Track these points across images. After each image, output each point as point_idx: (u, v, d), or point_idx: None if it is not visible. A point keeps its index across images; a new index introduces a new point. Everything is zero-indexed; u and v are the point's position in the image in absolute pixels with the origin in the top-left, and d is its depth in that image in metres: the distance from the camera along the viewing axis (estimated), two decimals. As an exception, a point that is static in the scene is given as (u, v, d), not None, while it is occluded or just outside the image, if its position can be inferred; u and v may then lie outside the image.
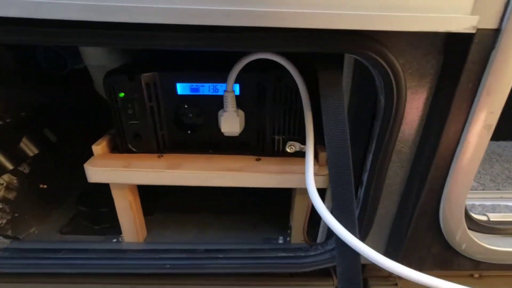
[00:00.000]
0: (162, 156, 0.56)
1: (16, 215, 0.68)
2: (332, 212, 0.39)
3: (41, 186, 0.74)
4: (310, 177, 0.44)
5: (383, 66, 0.36)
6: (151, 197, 0.78)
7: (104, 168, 0.54)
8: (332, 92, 0.39)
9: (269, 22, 0.32)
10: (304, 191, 0.60)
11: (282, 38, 0.34)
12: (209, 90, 0.52)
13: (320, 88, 0.39)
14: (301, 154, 0.56)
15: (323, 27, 0.32)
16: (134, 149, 0.56)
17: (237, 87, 0.52)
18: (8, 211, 0.66)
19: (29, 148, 0.66)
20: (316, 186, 0.52)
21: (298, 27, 0.32)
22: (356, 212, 0.49)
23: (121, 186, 0.58)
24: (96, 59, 0.61)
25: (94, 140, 0.58)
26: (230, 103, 0.50)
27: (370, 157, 0.46)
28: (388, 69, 0.36)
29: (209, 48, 0.36)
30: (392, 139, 0.42)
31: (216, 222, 0.77)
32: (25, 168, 0.68)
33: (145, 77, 0.50)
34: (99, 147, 0.55)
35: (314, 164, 0.53)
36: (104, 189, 0.73)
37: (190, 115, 0.55)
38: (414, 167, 0.47)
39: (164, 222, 0.77)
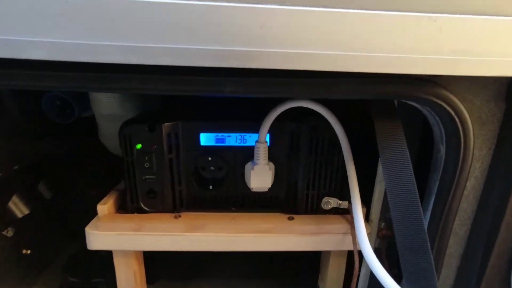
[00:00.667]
0: (179, 216, 0.48)
1: (-11, 290, 0.56)
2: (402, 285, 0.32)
3: (25, 251, 0.63)
4: (364, 240, 0.37)
5: (449, 114, 0.32)
6: (153, 262, 0.68)
7: (111, 233, 0.45)
8: (393, 143, 0.34)
9: (321, 66, 0.28)
10: (342, 254, 0.53)
11: (339, 84, 0.31)
12: (236, 141, 0.47)
13: (378, 139, 0.35)
14: (336, 211, 0.50)
15: (386, 71, 0.29)
16: (146, 208, 0.48)
17: (267, 138, 0.47)
18: (-20, 286, 0.54)
19: (18, 208, 0.57)
20: (359, 248, 0.46)
21: (355, 72, 0.29)
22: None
23: (126, 253, 0.49)
24: (107, 107, 0.56)
25: (96, 197, 0.50)
26: (262, 155, 0.44)
27: (427, 216, 0.40)
28: (455, 117, 0.32)
29: (255, 95, 0.32)
30: (457, 195, 0.36)
31: (229, 291, 0.66)
32: (8, 231, 0.58)
33: (167, 126, 0.45)
34: (105, 207, 0.47)
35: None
36: (98, 254, 0.63)
37: (212, 168, 0.49)
38: (476, 226, 0.41)
39: (169, 293, 0.66)
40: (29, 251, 0.63)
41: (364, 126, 0.49)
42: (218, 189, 0.49)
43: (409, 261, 0.32)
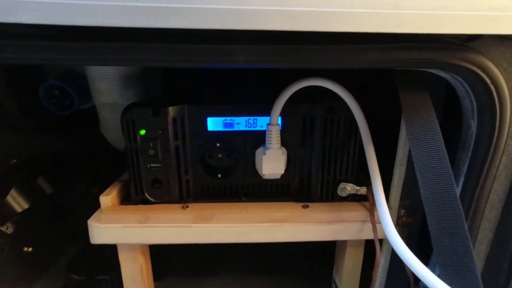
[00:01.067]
0: (187, 206, 0.45)
1: (-11, 290, 0.53)
2: (439, 275, 0.29)
3: (26, 249, 0.61)
4: (390, 227, 0.35)
5: (484, 83, 0.29)
6: (160, 258, 0.65)
7: (115, 225, 0.42)
8: (421, 116, 0.31)
9: (345, 26, 0.25)
10: (358, 243, 0.50)
11: (367, 50, 0.28)
12: (246, 125, 0.44)
13: (404, 113, 0.32)
14: (353, 198, 0.47)
15: (416, 31, 0.26)
16: (152, 199, 0.45)
17: (278, 121, 0.44)
18: (-21, 285, 0.52)
19: (17, 202, 0.54)
20: (379, 236, 0.43)
21: (383, 32, 0.26)
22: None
23: (132, 247, 0.46)
24: (108, 95, 0.53)
25: (97, 194, 0.47)
26: (274, 138, 0.42)
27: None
28: (491, 87, 0.29)
29: (271, 65, 0.29)
30: (489, 176, 0.34)
31: (241, 286, 0.64)
32: (8, 228, 0.56)
33: (172, 110, 0.42)
34: (108, 198, 0.44)
35: (375, 209, 0.44)
36: (103, 250, 0.61)
37: (221, 155, 0.46)
38: (508, 209, 0.38)
39: (177, 290, 0.64)
40: (30, 249, 0.61)
41: (377, 106, 0.46)
42: (227, 178, 0.47)
43: (444, 246, 0.29)
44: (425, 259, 0.40)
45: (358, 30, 0.25)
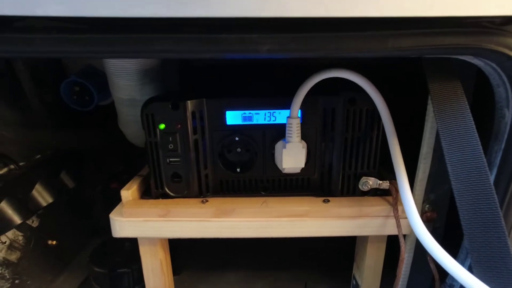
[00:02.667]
0: (206, 201, 0.45)
1: (16, 281, 0.55)
2: (472, 272, 0.28)
3: (50, 242, 0.62)
4: (417, 222, 0.33)
5: (522, 70, 0.28)
6: (179, 252, 0.66)
7: (136, 219, 0.43)
8: (453, 106, 0.30)
9: (377, 10, 0.24)
10: (380, 239, 0.49)
11: (396, 37, 0.26)
12: (265, 119, 0.44)
13: (434, 103, 0.31)
14: (374, 193, 0.46)
15: (450, 14, 0.25)
16: (171, 193, 0.46)
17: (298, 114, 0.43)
18: (8, 277, 0.54)
19: (42, 196, 0.56)
20: (403, 231, 0.42)
21: (415, 16, 0.25)
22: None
23: (152, 241, 0.47)
24: (126, 91, 0.53)
25: (117, 185, 0.48)
26: (295, 131, 0.41)
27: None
28: (529, 73, 0.28)
29: (296, 54, 0.28)
30: (526, 167, 0.32)
31: (259, 281, 0.64)
32: (33, 221, 0.57)
33: (191, 104, 0.42)
34: (129, 192, 0.45)
35: (399, 204, 0.43)
36: (123, 243, 0.62)
37: (240, 149, 0.46)
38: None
39: (196, 284, 0.64)
40: (54, 242, 0.63)
41: (399, 98, 0.44)
42: (246, 172, 0.46)
43: (478, 241, 0.27)
44: (452, 255, 0.38)
45: (386, 15, 0.24)
